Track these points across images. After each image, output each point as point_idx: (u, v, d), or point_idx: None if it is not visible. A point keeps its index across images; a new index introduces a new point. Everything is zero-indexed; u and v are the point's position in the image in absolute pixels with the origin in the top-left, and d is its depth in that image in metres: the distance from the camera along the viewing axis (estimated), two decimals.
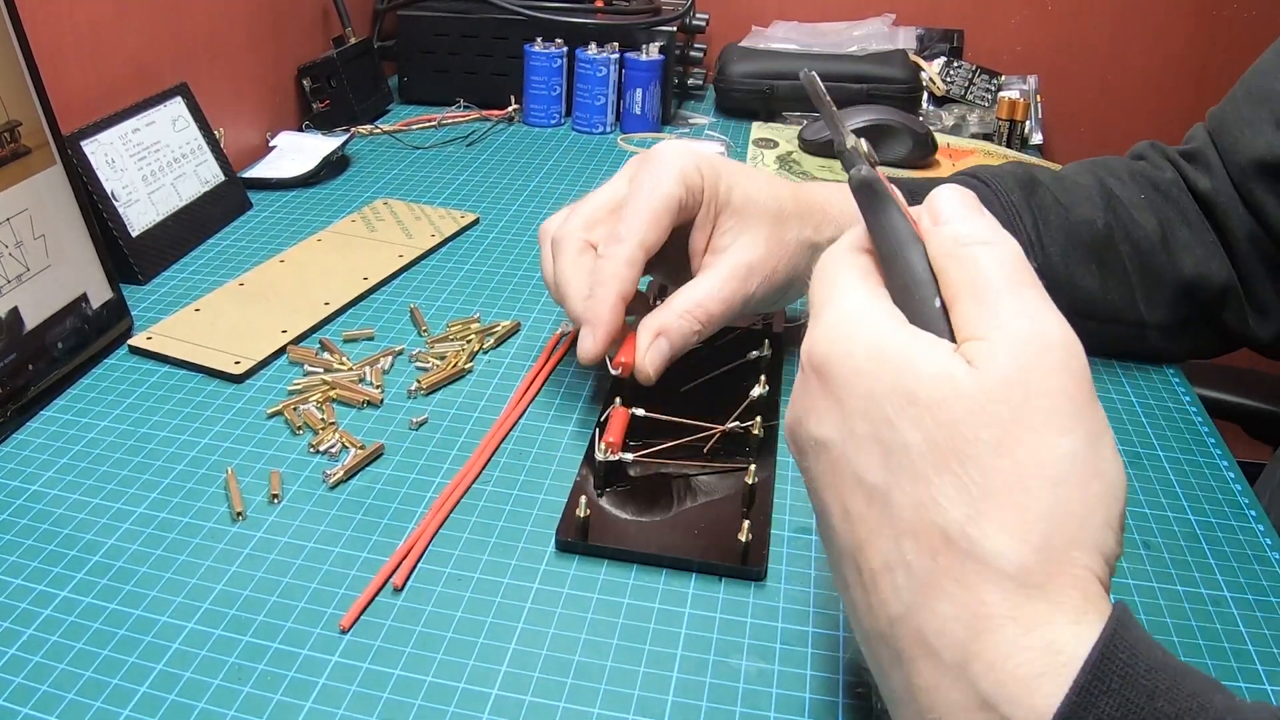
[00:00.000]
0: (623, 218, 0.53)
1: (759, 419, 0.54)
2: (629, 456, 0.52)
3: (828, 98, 0.38)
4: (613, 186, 0.56)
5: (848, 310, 0.33)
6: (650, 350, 0.52)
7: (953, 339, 0.31)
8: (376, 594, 0.45)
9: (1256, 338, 0.64)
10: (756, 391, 0.54)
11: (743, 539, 0.47)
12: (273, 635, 0.43)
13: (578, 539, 0.48)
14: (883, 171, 0.35)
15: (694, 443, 0.53)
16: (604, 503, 0.50)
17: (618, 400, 0.54)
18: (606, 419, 0.53)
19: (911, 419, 0.29)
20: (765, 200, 0.55)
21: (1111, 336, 0.64)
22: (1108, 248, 0.62)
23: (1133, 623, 0.27)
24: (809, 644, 0.43)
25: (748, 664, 0.42)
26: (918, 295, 0.33)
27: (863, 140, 0.36)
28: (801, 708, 0.40)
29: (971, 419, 0.28)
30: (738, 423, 0.54)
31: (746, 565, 0.47)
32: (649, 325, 0.52)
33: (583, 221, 0.55)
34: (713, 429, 0.54)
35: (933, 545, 0.28)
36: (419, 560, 0.47)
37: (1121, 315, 0.63)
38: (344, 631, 0.43)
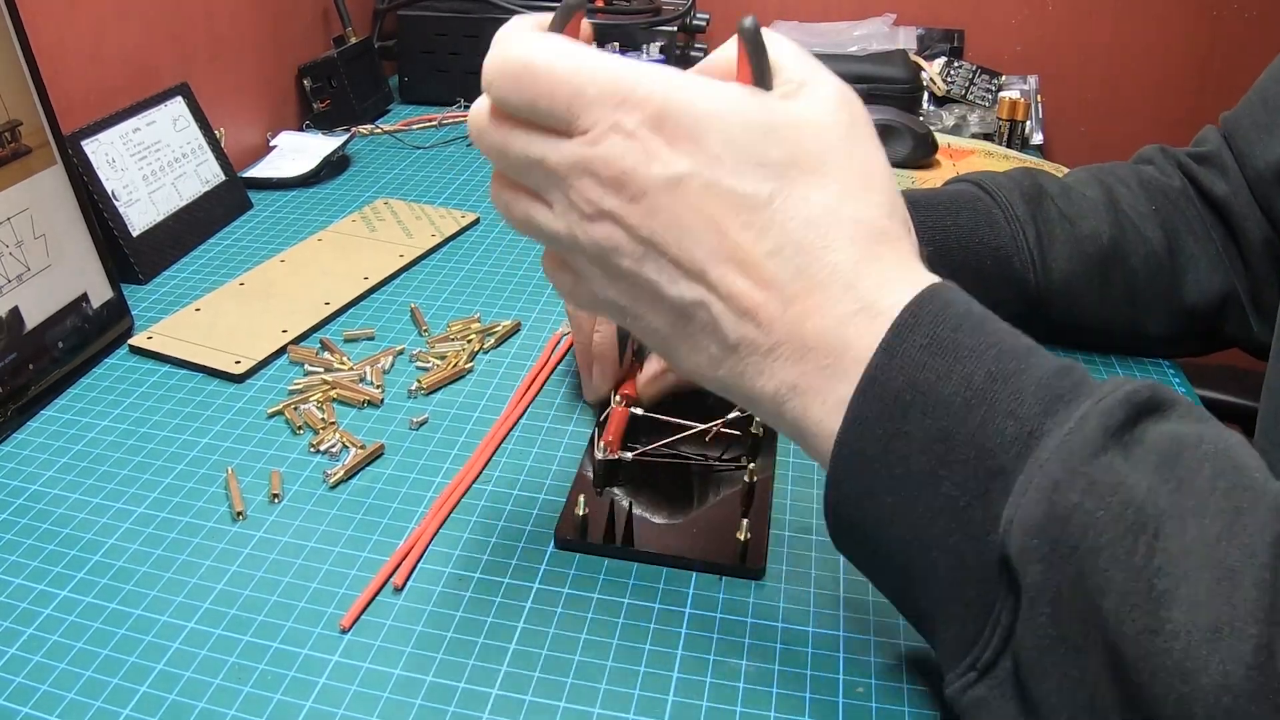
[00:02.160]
0: None
1: (758, 417, 0.54)
2: (629, 456, 0.52)
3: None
4: None
5: (679, 74, 0.36)
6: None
7: None
8: (377, 594, 0.45)
9: (1259, 342, 0.64)
10: None
11: (742, 538, 0.47)
12: (273, 635, 0.43)
13: (578, 538, 0.48)
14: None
15: (693, 442, 0.53)
16: (604, 502, 0.50)
17: (617, 399, 0.54)
18: (606, 418, 0.53)
19: (775, 141, 0.35)
20: None
21: (1107, 345, 0.65)
22: (1112, 264, 0.62)
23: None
24: (809, 644, 0.43)
25: (748, 664, 0.42)
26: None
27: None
28: (801, 708, 0.40)
29: (821, 135, 0.36)
30: (736, 419, 0.54)
31: (746, 565, 0.47)
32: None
33: None
34: (712, 429, 0.54)
35: (824, 220, 0.35)
36: (419, 560, 0.47)
37: (1118, 330, 0.64)
38: (344, 631, 0.43)
